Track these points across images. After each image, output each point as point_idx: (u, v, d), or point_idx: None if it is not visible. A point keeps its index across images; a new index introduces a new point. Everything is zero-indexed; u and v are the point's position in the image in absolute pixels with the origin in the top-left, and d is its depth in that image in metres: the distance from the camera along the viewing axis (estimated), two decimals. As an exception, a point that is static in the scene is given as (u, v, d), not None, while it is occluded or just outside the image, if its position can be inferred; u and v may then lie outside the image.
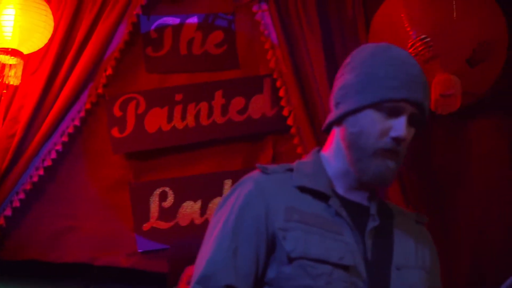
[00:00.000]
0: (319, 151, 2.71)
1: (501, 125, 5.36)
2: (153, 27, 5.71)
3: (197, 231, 5.33)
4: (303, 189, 2.55)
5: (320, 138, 5.15)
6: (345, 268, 2.41)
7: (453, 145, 5.47)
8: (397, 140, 2.49)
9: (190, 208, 5.48)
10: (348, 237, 2.48)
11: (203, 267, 2.44)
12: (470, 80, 5.05)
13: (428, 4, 4.98)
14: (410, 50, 4.88)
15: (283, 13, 5.38)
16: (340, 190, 2.60)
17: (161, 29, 5.71)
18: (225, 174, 5.51)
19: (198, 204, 5.47)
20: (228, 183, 5.48)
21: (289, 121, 5.32)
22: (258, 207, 2.49)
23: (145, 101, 5.60)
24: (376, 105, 2.52)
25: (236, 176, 5.39)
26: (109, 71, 5.56)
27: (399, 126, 2.50)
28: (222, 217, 2.52)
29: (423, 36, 4.89)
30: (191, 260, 2.69)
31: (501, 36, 5.14)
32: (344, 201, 2.57)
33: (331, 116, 2.63)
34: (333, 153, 2.64)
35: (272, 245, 2.46)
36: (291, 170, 2.61)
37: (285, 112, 5.35)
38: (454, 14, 4.91)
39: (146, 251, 5.44)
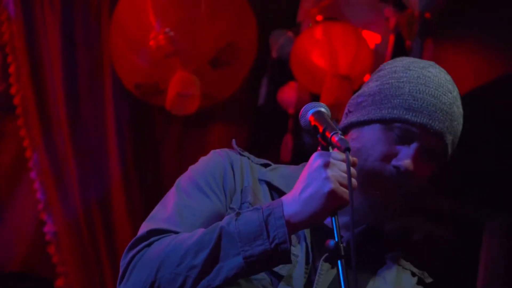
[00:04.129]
0: None
1: (234, 132, 5.42)
2: None
3: None
4: (270, 185, 2.22)
5: (45, 122, 5.06)
6: (277, 276, 2.10)
7: (187, 149, 5.45)
8: (398, 170, 2.13)
9: None
10: (300, 250, 2.14)
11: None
12: (211, 82, 5.00)
13: (176, -3, 4.90)
14: (152, 43, 4.77)
15: (23, -16, 5.17)
16: None
17: None
18: None
19: None
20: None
21: (16, 100, 5.10)
22: (227, 172, 2.20)
23: None
24: (386, 123, 2.17)
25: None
26: None
27: (406, 155, 2.14)
28: (189, 175, 2.23)
29: (166, 29, 4.74)
30: None
31: (249, 41, 5.11)
32: None
33: (340, 125, 2.29)
34: None
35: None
36: (266, 165, 2.29)
37: (12, 90, 5.11)
38: (202, 10, 4.83)
39: None
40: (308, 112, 2.04)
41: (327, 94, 4.99)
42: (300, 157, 2.35)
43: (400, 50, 5.42)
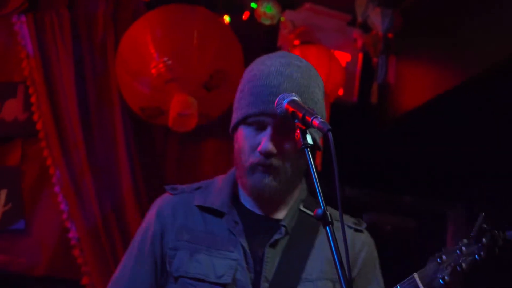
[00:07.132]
0: None
1: (227, 146, 5.47)
2: None
3: None
4: (202, 208, 2.58)
5: (64, 143, 5.40)
6: (223, 286, 2.43)
7: (186, 161, 5.70)
8: (263, 154, 2.46)
9: None
10: (238, 253, 2.47)
11: (110, 283, 2.65)
12: (206, 103, 5.33)
13: (171, 30, 5.26)
14: (153, 71, 5.14)
15: (39, 26, 5.51)
16: (246, 203, 2.60)
17: None
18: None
19: None
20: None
21: (38, 126, 5.47)
22: (155, 230, 2.58)
23: None
24: (243, 122, 2.51)
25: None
26: None
27: (263, 140, 2.47)
28: (134, 239, 2.68)
29: (165, 59, 5.12)
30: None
31: (237, 65, 5.38)
32: (247, 214, 2.56)
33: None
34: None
35: (164, 263, 2.55)
36: (200, 188, 2.66)
37: (35, 117, 5.49)
38: (195, 41, 5.20)
39: None
40: (283, 101, 2.34)
41: (307, 108, 5.40)
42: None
43: (368, 67, 5.89)
